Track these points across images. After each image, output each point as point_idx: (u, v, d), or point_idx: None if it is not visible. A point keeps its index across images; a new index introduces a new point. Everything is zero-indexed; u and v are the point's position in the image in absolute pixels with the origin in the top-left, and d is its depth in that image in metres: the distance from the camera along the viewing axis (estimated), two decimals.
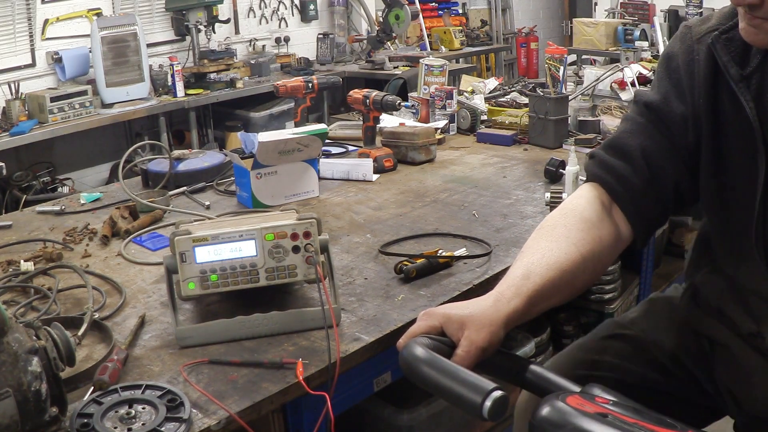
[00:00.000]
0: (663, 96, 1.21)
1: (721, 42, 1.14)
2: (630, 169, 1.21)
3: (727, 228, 1.20)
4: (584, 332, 2.44)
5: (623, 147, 1.23)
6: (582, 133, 2.72)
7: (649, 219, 1.23)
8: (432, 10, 7.08)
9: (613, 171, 1.22)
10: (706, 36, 1.16)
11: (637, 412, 0.87)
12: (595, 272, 1.19)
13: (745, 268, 1.17)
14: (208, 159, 2.42)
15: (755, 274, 1.15)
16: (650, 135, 1.21)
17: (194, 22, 4.95)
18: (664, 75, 1.23)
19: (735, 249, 1.19)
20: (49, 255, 1.74)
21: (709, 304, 1.28)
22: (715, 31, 1.15)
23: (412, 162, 2.51)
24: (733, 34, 1.13)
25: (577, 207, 1.21)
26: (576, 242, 1.13)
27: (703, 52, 1.16)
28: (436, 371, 0.94)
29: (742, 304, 1.20)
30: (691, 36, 1.20)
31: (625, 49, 4.77)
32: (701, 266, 1.31)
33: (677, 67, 1.20)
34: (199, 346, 1.32)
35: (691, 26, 1.22)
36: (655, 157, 1.20)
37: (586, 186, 1.26)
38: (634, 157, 1.21)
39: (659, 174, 1.20)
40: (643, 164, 1.20)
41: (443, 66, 3.02)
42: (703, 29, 1.18)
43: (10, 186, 4.10)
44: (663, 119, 1.20)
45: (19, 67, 4.45)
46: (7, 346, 0.98)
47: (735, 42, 1.13)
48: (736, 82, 1.11)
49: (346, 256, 1.74)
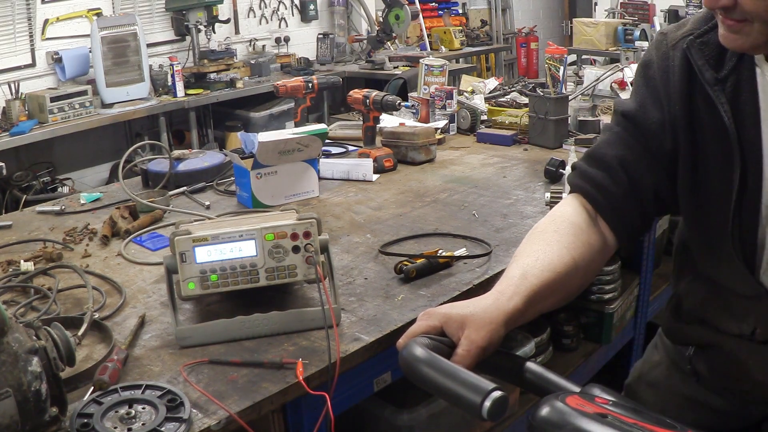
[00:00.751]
0: (640, 104, 1.22)
1: (695, 46, 1.14)
2: (609, 179, 1.23)
3: (704, 231, 1.21)
4: (584, 332, 2.45)
5: (602, 157, 1.25)
6: (582, 133, 2.71)
7: (632, 226, 1.25)
8: (432, 10, 7.09)
9: (593, 181, 1.24)
10: (681, 41, 1.17)
11: (637, 413, 0.87)
12: (586, 277, 1.21)
13: (724, 269, 1.18)
14: (208, 159, 2.42)
15: (735, 274, 1.16)
16: (627, 144, 1.23)
17: (194, 22, 4.96)
18: (641, 83, 1.24)
19: (713, 251, 1.19)
20: (49, 255, 1.74)
21: (691, 313, 1.29)
22: (690, 35, 1.16)
23: (412, 162, 2.51)
24: (707, 38, 1.14)
25: (564, 213, 1.23)
26: (567, 245, 1.15)
27: (678, 57, 1.17)
28: (436, 371, 0.94)
29: (724, 306, 1.21)
30: (666, 42, 1.20)
31: (625, 49, 4.77)
32: (684, 275, 1.32)
33: (653, 74, 1.21)
34: (199, 346, 1.32)
35: (667, 33, 1.23)
36: (633, 165, 1.22)
37: (569, 197, 1.29)
38: (612, 167, 1.23)
39: (638, 182, 1.22)
40: (622, 173, 1.22)
41: (443, 66, 3.02)
42: (678, 35, 1.19)
43: (10, 186, 4.10)
44: (639, 127, 1.22)
45: (19, 67, 4.45)
46: (7, 346, 0.98)
47: (710, 45, 1.13)
48: (711, 85, 1.12)
49: (346, 256, 1.74)
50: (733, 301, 1.19)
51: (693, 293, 1.29)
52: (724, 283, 1.20)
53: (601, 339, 2.42)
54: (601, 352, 2.43)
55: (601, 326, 2.41)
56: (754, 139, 1.09)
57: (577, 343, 2.42)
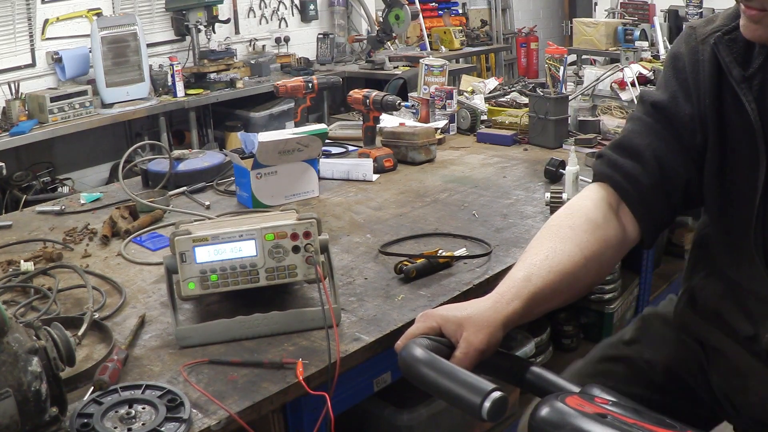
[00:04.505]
0: (671, 96, 1.21)
1: (724, 43, 1.14)
2: (640, 169, 1.20)
3: (727, 228, 1.20)
4: (584, 332, 2.45)
5: (633, 147, 1.22)
6: (582, 133, 2.72)
7: (658, 219, 1.22)
8: (432, 10, 7.08)
9: (623, 170, 1.21)
10: (710, 37, 1.16)
11: (637, 413, 0.87)
12: (599, 274, 1.19)
13: (744, 268, 1.17)
14: (208, 159, 2.42)
15: (754, 275, 1.15)
16: (659, 135, 1.20)
17: (194, 22, 4.95)
18: (671, 75, 1.22)
19: (734, 249, 1.18)
20: (49, 255, 1.74)
21: (706, 308, 1.28)
22: (718, 32, 1.15)
23: (412, 162, 2.51)
24: (736, 34, 1.13)
25: (583, 207, 1.20)
26: (580, 243, 1.13)
27: (707, 53, 1.16)
28: (435, 372, 0.94)
29: (740, 306, 1.20)
30: (695, 37, 1.20)
31: (625, 49, 4.76)
32: (699, 269, 1.31)
33: (683, 67, 1.20)
34: (199, 346, 1.33)
35: (696, 27, 1.22)
36: (666, 157, 1.19)
37: (593, 186, 1.26)
38: (644, 157, 1.20)
39: (670, 174, 1.20)
40: (654, 164, 1.19)
41: (443, 66, 3.02)
42: (707, 30, 1.18)
43: (10, 186, 4.09)
44: (671, 119, 1.20)
45: (19, 67, 4.44)
46: (7, 346, 0.98)
47: (738, 43, 1.13)
48: (738, 82, 1.11)
49: (346, 256, 1.74)
50: (748, 301, 1.18)
51: (708, 289, 1.28)
52: (741, 281, 1.19)
53: (601, 339, 2.41)
54: None
55: (601, 326, 2.42)
56: None
57: (577, 343, 2.42)
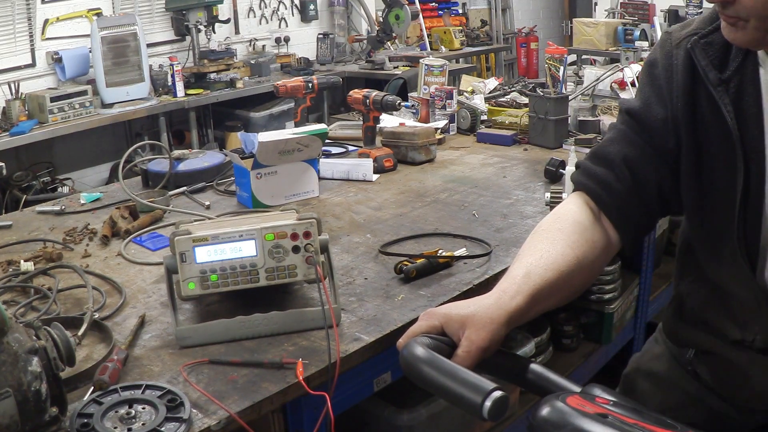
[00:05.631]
0: (644, 102, 1.22)
1: (699, 46, 1.14)
2: (613, 176, 1.22)
3: (708, 231, 1.20)
4: (584, 332, 2.45)
5: (606, 155, 1.24)
6: (582, 133, 2.72)
7: (636, 225, 1.24)
8: (432, 10, 7.09)
9: (596, 178, 1.24)
10: (685, 41, 1.17)
11: (637, 413, 0.87)
12: (590, 275, 1.21)
13: (727, 271, 1.17)
14: (208, 159, 2.42)
15: (738, 276, 1.15)
16: (631, 141, 1.22)
17: (194, 22, 4.95)
18: (646, 82, 1.24)
19: (717, 253, 1.19)
20: (49, 255, 1.74)
21: (693, 314, 1.29)
22: (694, 35, 1.16)
23: (412, 162, 2.51)
24: (712, 38, 1.13)
25: (569, 211, 1.23)
26: (571, 244, 1.15)
27: (681, 56, 1.17)
28: (436, 371, 0.94)
29: (725, 310, 1.21)
30: (670, 42, 1.20)
31: (625, 49, 4.76)
32: (686, 275, 1.32)
33: (658, 73, 1.21)
34: (199, 346, 1.32)
35: (671, 32, 1.23)
36: (637, 163, 1.21)
37: (573, 195, 1.28)
38: (615, 164, 1.22)
39: (641, 180, 1.21)
40: (625, 171, 1.22)
41: (443, 66, 3.02)
42: (682, 34, 1.19)
43: (10, 186, 4.10)
44: (644, 125, 1.21)
45: (19, 67, 4.45)
46: (7, 346, 0.98)
47: (714, 46, 1.13)
48: (715, 86, 1.12)
49: (346, 256, 1.74)
50: (734, 305, 1.19)
51: (694, 294, 1.28)
52: (725, 285, 1.19)
53: (601, 339, 2.43)
54: (601, 352, 2.43)
55: (601, 326, 2.41)
56: (757, 141, 1.09)
57: (577, 343, 2.42)
